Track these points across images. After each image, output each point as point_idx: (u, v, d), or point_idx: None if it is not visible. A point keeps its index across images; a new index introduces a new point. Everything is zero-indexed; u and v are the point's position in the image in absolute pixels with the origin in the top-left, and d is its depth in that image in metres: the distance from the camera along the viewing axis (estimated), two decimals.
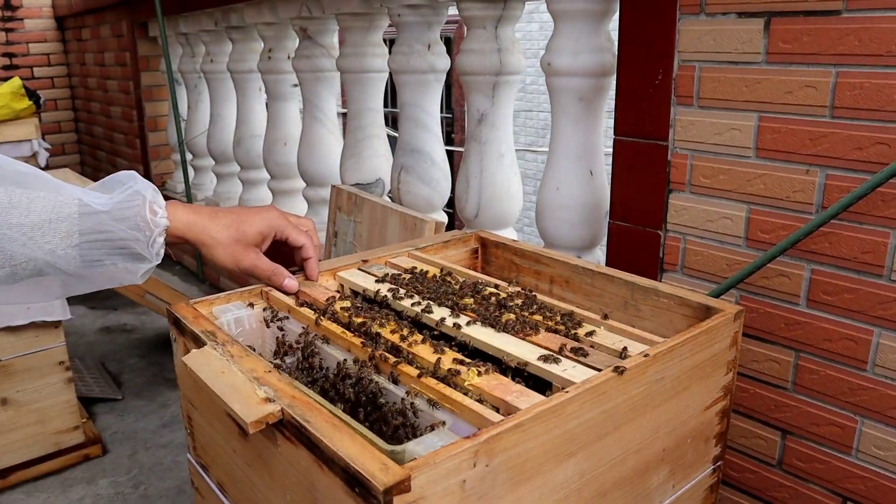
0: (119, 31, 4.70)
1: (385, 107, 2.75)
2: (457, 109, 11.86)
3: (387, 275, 1.26)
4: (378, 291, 1.19)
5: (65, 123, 6.24)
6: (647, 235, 1.51)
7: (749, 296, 1.38)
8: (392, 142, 2.33)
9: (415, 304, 1.13)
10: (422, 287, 1.20)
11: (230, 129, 3.61)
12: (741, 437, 1.44)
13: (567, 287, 1.32)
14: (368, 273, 1.29)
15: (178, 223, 1.05)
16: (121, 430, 2.49)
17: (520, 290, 1.19)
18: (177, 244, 1.08)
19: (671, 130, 1.43)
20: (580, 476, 0.89)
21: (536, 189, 1.89)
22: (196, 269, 4.12)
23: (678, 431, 1.04)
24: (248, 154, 3.43)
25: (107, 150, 5.59)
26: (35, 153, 4.71)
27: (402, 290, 1.19)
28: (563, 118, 1.76)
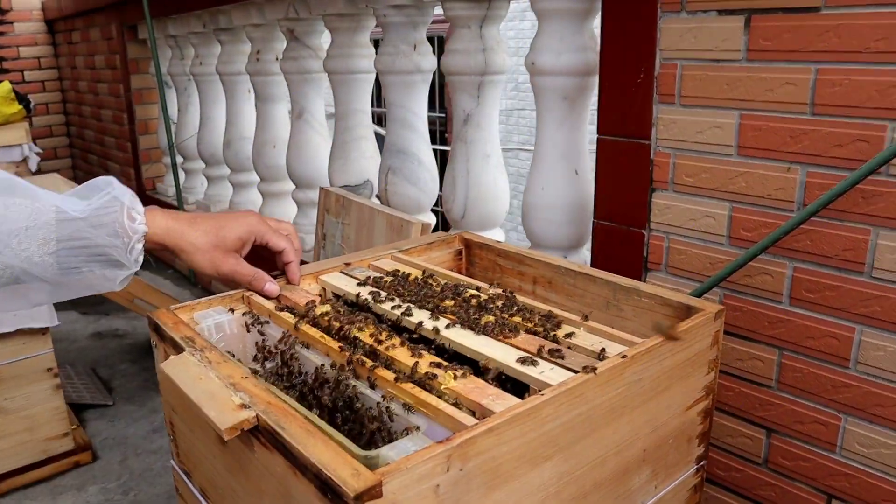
0: (109, 34, 4.69)
1: (373, 106, 2.74)
2: (450, 109, 11.86)
3: (369, 278, 1.26)
4: (359, 295, 1.19)
5: (56, 127, 6.23)
6: (631, 235, 1.51)
7: (733, 294, 1.37)
8: (381, 140, 2.33)
9: (395, 308, 1.12)
10: (403, 290, 1.20)
11: (220, 132, 3.61)
12: (727, 436, 1.44)
13: (550, 288, 1.31)
14: (351, 276, 1.28)
15: (157, 229, 1.04)
16: (111, 436, 2.48)
17: (500, 292, 1.19)
18: (156, 250, 1.08)
19: (653, 129, 1.43)
20: (559, 478, 0.89)
21: None
22: (188, 274, 4.12)
23: (659, 432, 1.04)
24: (238, 156, 3.42)
25: (98, 154, 5.58)
26: (26, 157, 4.70)
27: (384, 294, 1.19)
28: (548, 117, 1.75)
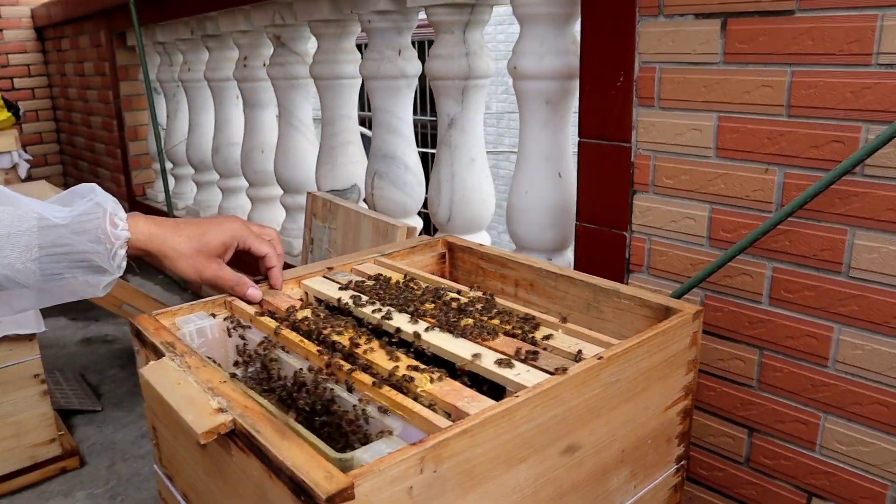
0: (97, 41, 4.69)
1: (361, 110, 2.75)
2: None
3: (350, 282, 1.26)
4: (340, 299, 1.19)
5: (46, 134, 6.22)
6: (613, 237, 1.52)
7: (714, 295, 1.39)
8: (367, 142, 2.34)
9: (375, 311, 1.13)
10: (384, 294, 1.21)
11: (208, 138, 3.61)
12: (709, 436, 1.45)
13: (532, 290, 1.32)
14: (333, 280, 1.29)
15: (140, 235, 1.05)
16: (99, 442, 2.48)
17: (480, 295, 1.19)
18: (139, 256, 1.08)
19: (634, 132, 1.44)
20: (535, 479, 0.89)
21: None
22: (178, 279, 4.11)
23: (637, 432, 1.05)
24: (227, 162, 3.43)
25: (88, 161, 5.57)
26: (15, 164, 4.69)
27: (365, 298, 1.19)
28: (531, 121, 1.76)
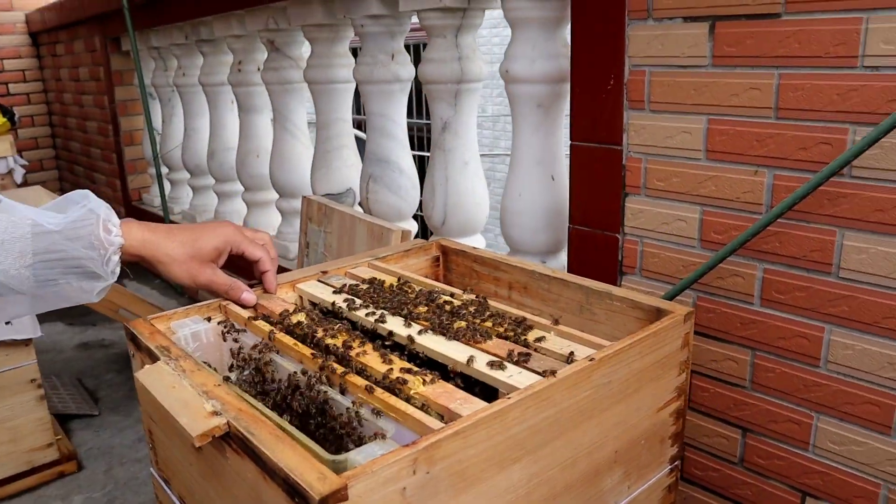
0: (92, 46, 4.69)
1: (355, 113, 2.76)
2: None
3: (345, 285, 1.27)
4: (334, 303, 1.20)
5: (42, 139, 6.22)
6: (606, 239, 1.53)
7: (706, 296, 1.40)
8: (361, 146, 2.34)
9: (369, 315, 1.14)
10: (378, 297, 1.21)
11: (204, 142, 3.62)
12: (703, 437, 1.46)
13: (525, 293, 1.33)
14: (327, 284, 1.30)
15: (133, 241, 1.06)
16: (97, 446, 2.48)
17: (473, 298, 1.20)
18: (133, 262, 1.09)
19: (625, 135, 1.45)
20: (528, 480, 0.90)
21: None
22: (175, 284, 4.11)
23: (630, 433, 1.06)
24: (222, 167, 3.44)
25: (84, 166, 5.57)
26: (11, 170, 4.69)
27: (359, 301, 1.20)
28: (523, 124, 1.77)
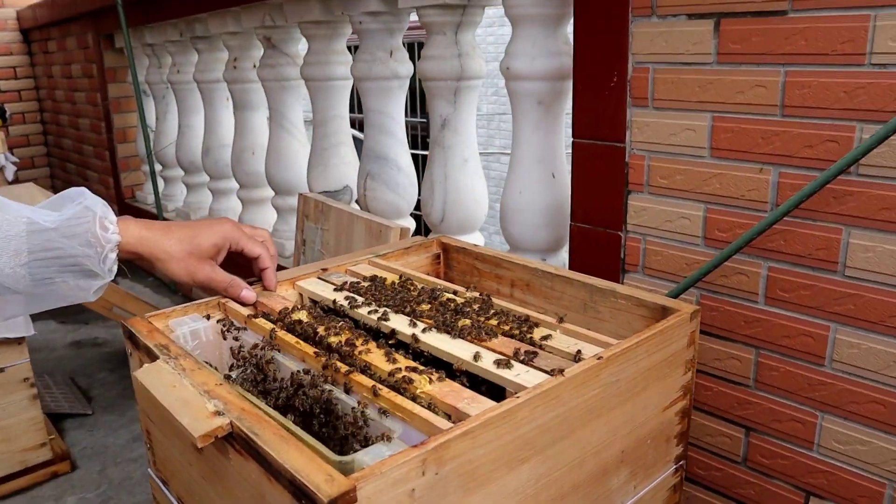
0: (85, 43, 4.66)
1: (351, 112, 2.74)
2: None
3: (345, 283, 1.26)
4: (335, 300, 1.18)
5: (33, 136, 6.17)
6: (608, 237, 1.52)
7: (709, 294, 1.39)
8: (359, 145, 2.33)
9: (371, 312, 1.12)
10: (380, 295, 1.20)
11: (198, 140, 3.59)
12: (706, 436, 1.45)
13: (528, 290, 1.32)
14: (327, 282, 1.28)
15: (131, 238, 1.04)
16: (90, 446, 2.46)
17: (477, 296, 1.19)
18: (131, 260, 1.07)
19: (628, 132, 1.44)
20: (536, 480, 0.89)
21: None
22: (168, 282, 4.09)
23: (637, 432, 1.04)
24: (217, 164, 3.41)
25: (76, 163, 5.53)
26: (2, 167, 4.65)
27: (360, 299, 1.19)
28: (524, 122, 1.76)
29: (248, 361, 1.05)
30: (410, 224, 2.31)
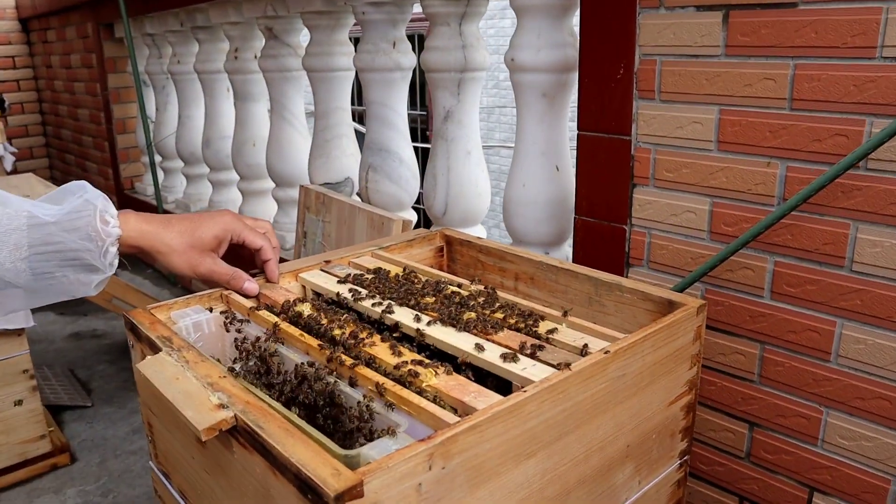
0: (84, 33, 4.64)
1: (353, 104, 2.73)
2: (430, 107, 11.84)
3: (349, 275, 1.24)
4: (339, 293, 1.17)
5: (32, 127, 6.16)
6: (613, 230, 1.51)
7: (714, 289, 1.38)
8: (360, 138, 2.32)
9: (375, 305, 1.11)
10: (384, 287, 1.19)
11: (199, 131, 3.58)
12: (710, 431, 1.45)
13: (532, 284, 1.31)
14: (331, 274, 1.27)
15: (132, 232, 1.03)
16: (90, 438, 2.45)
17: (482, 289, 1.18)
18: (131, 253, 1.06)
19: (634, 125, 1.42)
20: (542, 475, 0.88)
21: None
22: (168, 273, 4.08)
23: (642, 427, 1.04)
24: (218, 155, 3.40)
25: (75, 154, 5.52)
26: (0, 157, 4.64)
27: (364, 291, 1.18)
28: (528, 114, 1.75)
29: (252, 354, 1.04)
30: (412, 216, 2.30)
